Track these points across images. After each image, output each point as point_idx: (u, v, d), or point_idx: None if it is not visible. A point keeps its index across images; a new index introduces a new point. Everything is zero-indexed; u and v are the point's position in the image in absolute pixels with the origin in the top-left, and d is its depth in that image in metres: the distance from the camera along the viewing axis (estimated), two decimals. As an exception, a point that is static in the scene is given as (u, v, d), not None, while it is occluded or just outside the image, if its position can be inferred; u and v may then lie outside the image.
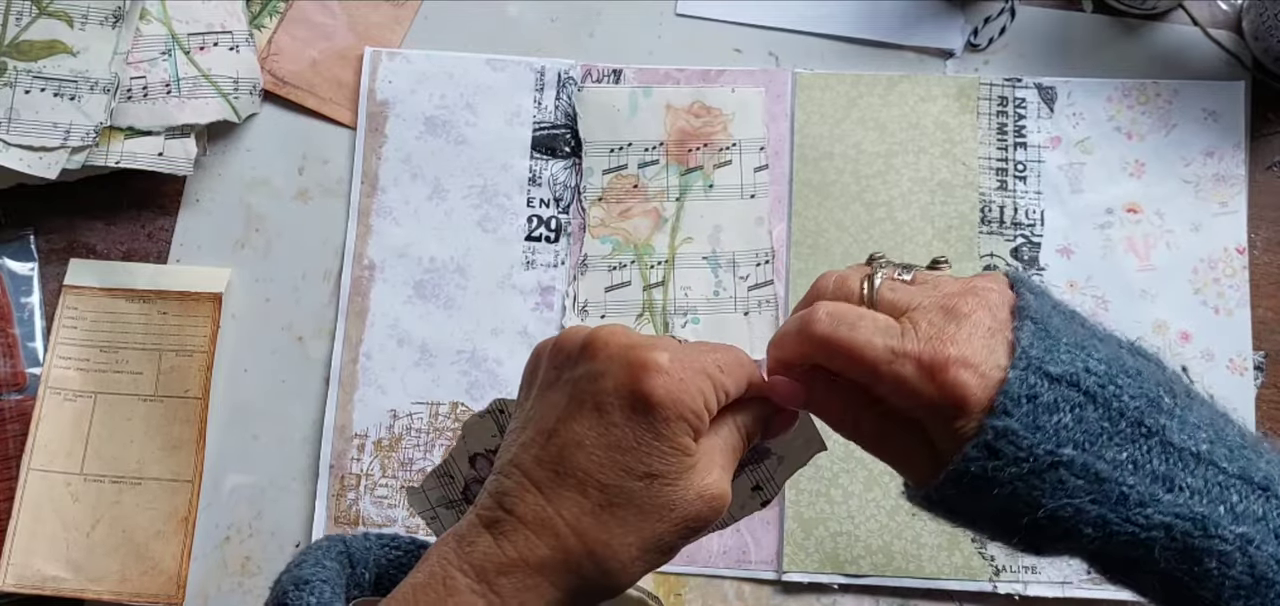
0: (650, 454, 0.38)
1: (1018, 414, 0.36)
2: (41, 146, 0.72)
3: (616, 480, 0.38)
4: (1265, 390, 0.71)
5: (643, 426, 0.38)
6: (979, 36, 0.76)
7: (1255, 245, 0.73)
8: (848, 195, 0.74)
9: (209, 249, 0.75)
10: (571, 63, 0.77)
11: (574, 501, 0.38)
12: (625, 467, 0.38)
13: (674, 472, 0.39)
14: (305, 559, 0.43)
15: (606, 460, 0.39)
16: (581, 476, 0.39)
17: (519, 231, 0.74)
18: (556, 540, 0.38)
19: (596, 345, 0.40)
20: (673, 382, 0.38)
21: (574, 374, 0.40)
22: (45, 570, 0.68)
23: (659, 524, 0.39)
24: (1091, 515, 0.37)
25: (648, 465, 0.38)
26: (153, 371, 0.72)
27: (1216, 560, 0.36)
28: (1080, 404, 0.37)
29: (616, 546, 0.38)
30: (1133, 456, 0.37)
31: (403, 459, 0.71)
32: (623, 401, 0.39)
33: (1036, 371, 0.37)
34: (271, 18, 0.79)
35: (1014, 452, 0.36)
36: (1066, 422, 0.37)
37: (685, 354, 0.40)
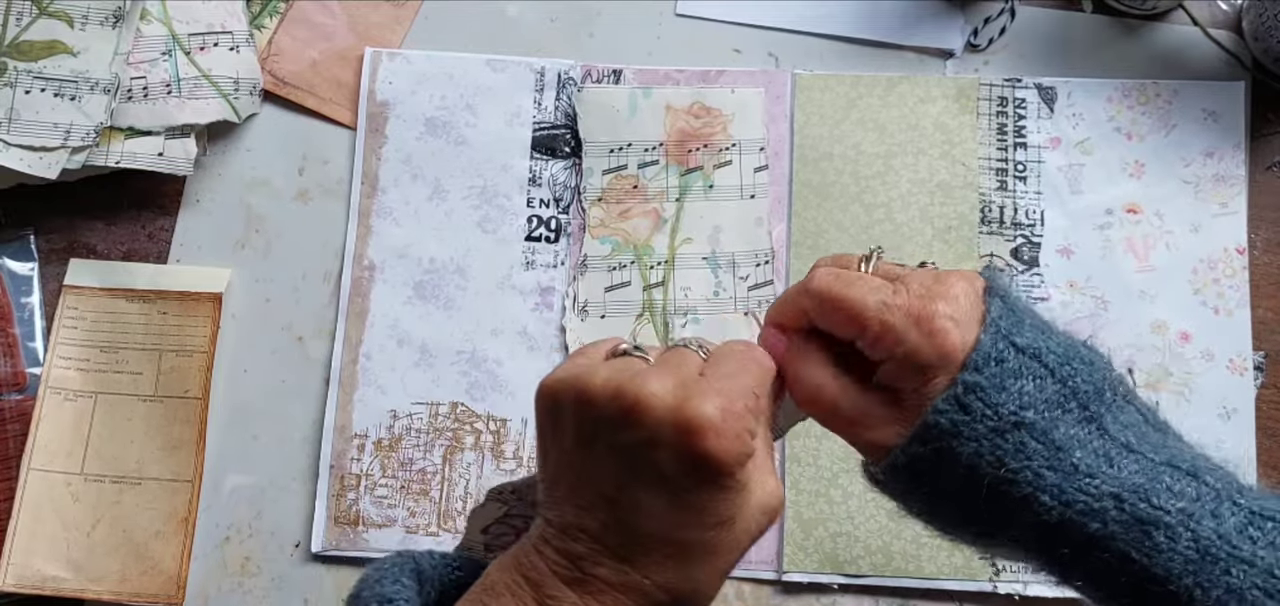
0: (719, 506, 0.39)
1: (986, 373, 0.39)
2: (42, 146, 0.72)
3: (695, 536, 0.39)
4: (1265, 390, 0.71)
5: (709, 486, 0.38)
6: (979, 37, 0.76)
7: (1255, 245, 0.73)
8: (847, 196, 0.74)
9: (209, 249, 0.75)
10: (571, 63, 0.77)
11: (655, 565, 0.39)
12: (700, 524, 0.39)
13: (740, 509, 0.39)
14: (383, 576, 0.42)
15: (680, 521, 0.39)
16: (659, 540, 0.39)
17: (519, 232, 0.74)
18: (644, 597, 0.39)
19: (634, 406, 0.38)
20: (728, 439, 0.38)
21: (619, 441, 0.39)
22: (45, 570, 0.68)
23: (734, 553, 0.40)
24: (1048, 481, 0.38)
25: (718, 515, 0.39)
26: (153, 371, 0.72)
27: (1164, 532, 0.37)
28: (1041, 375, 0.39)
29: (702, 586, 0.39)
30: (1078, 434, 0.39)
31: (403, 459, 0.71)
32: (684, 470, 0.38)
33: (1005, 339, 0.39)
34: (272, 18, 0.79)
35: (981, 409, 0.38)
36: (1029, 389, 0.39)
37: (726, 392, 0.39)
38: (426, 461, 0.71)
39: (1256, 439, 0.70)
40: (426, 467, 0.71)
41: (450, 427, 0.71)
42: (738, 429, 0.38)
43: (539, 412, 0.42)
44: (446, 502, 0.70)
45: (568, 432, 0.41)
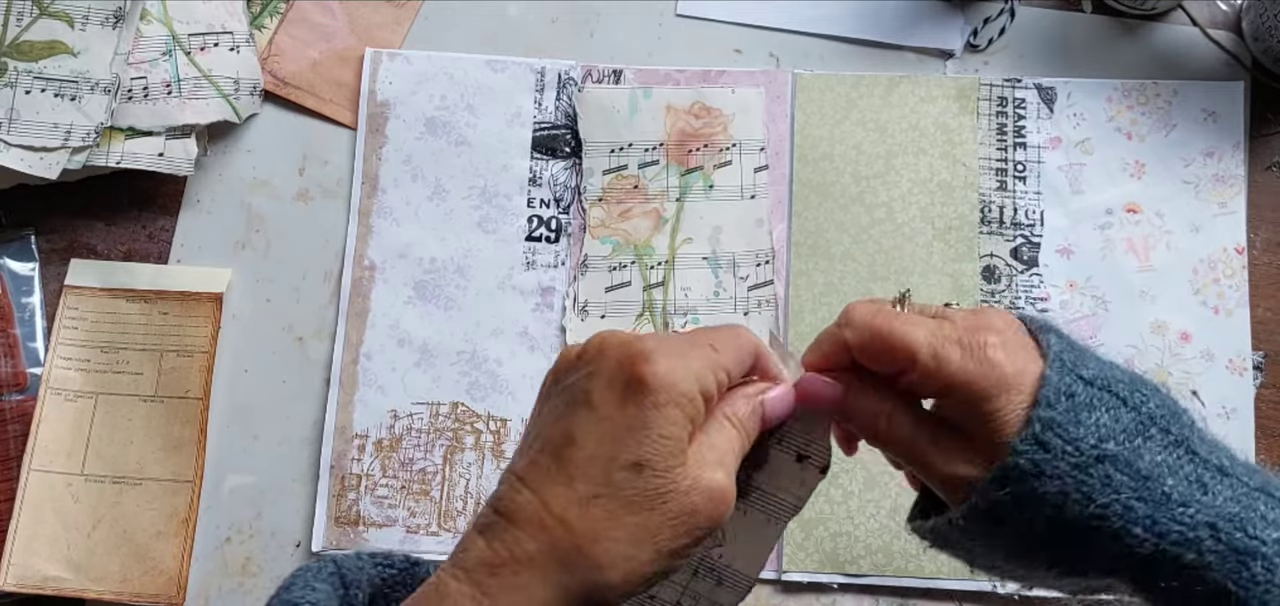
0: (639, 440, 0.37)
1: (1060, 408, 0.37)
2: (42, 147, 0.72)
3: (603, 471, 0.37)
4: (1264, 390, 0.71)
5: (632, 413, 0.37)
6: (979, 37, 0.76)
7: (1255, 245, 0.73)
8: (848, 196, 0.74)
9: (209, 249, 0.75)
10: (572, 63, 0.77)
11: (561, 494, 0.37)
12: (612, 457, 0.37)
13: (664, 462, 0.37)
14: (294, 582, 0.42)
15: (596, 452, 0.37)
16: (571, 470, 0.37)
17: (519, 232, 0.74)
18: (545, 533, 0.37)
19: (592, 347, 0.39)
20: (663, 366, 0.37)
21: (571, 379, 0.39)
22: (46, 570, 0.69)
23: (650, 515, 0.37)
24: (1139, 513, 0.37)
25: (635, 453, 0.37)
26: (153, 372, 0.72)
27: (1261, 563, 0.36)
28: (1114, 406, 0.38)
29: (604, 539, 0.36)
30: (1166, 460, 0.38)
31: (403, 459, 0.71)
32: (614, 392, 0.38)
33: (1071, 372, 0.38)
34: (272, 18, 0.79)
35: (1060, 445, 0.37)
36: (1105, 420, 0.38)
37: (679, 339, 0.39)
38: (427, 461, 0.71)
39: (1256, 439, 0.70)
40: (427, 467, 0.71)
41: (451, 427, 0.71)
42: (676, 362, 0.38)
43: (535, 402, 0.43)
44: (447, 502, 0.70)
45: (544, 390, 0.41)
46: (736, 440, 0.40)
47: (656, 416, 0.37)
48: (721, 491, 0.38)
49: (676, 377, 0.37)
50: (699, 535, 0.38)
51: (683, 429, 0.38)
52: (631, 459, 0.37)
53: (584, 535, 0.37)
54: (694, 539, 0.38)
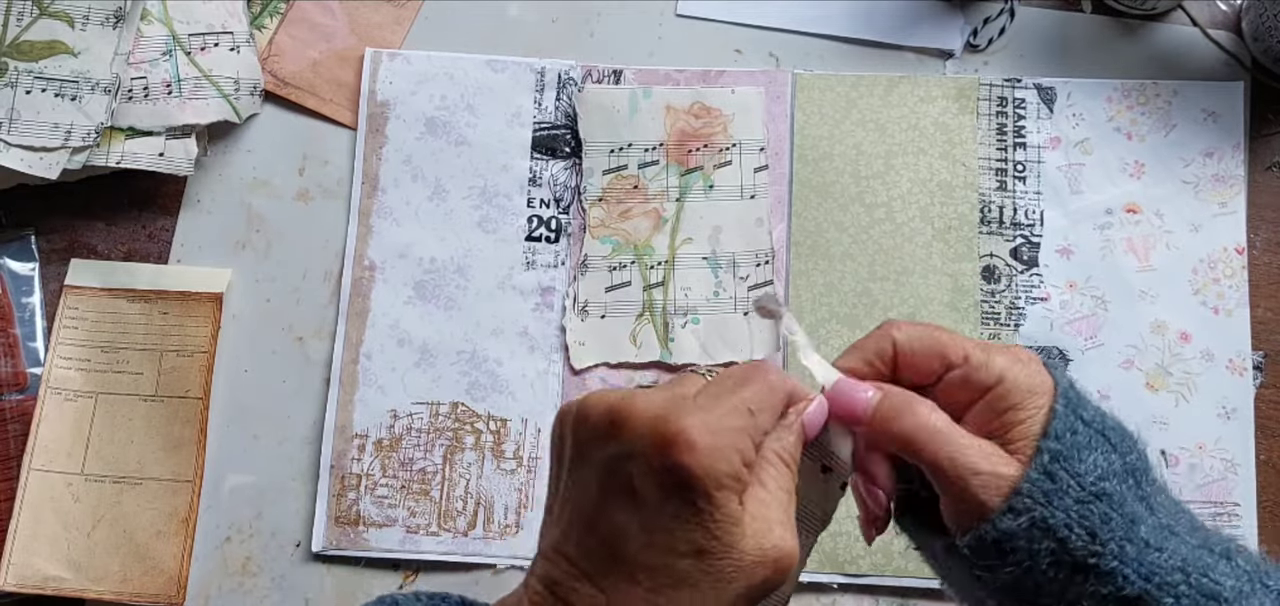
0: (693, 531, 0.36)
1: (1066, 442, 0.39)
2: (42, 147, 0.72)
3: (665, 562, 0.36)
4: (1264, 390, 0.71)
5: (680, 505, 0.36)
6: (978, 37, 0.76)
7: (1255, 245, 0.73)
8: (848, 196, 0.74)
9: (210, 249, 0.75)
10: (572, 63, 0.77)
11: (627, 591, 0.36)
12: (670, 548, 0.36)
13: (723, 543, 0.36)
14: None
15: (650, 543, 0.36)
16: (630, 565, 0.36)
17: (519, 232, 0.74)
18: None
19: (620, 419, 0.37)
20: (704, 454, 0.36)
21: (604, 454, 0.38)
22: (46, 570, 0.69)
23: (720, 597, 0.36)
24: (1129, 553, 0.38)
25: (693, 542, 0.36)
26: (153, 371, 0.72)
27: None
28: (1107, 450, 0.40)
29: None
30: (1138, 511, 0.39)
31: (403, 459, 0.71)
32: (656, 482, 0.36)
33: (1073, 412, 0.40)
34: (272, 18, 0.79)
35: (1067, 479, 0.39)
36: (1100, 462, 0.39)
37: (714, 409, 0.38)
38: (427, 461, 0.71)
39: (1256, 439, 0.70)
40: (427, 467, 0.71)
41: (451, 427, 0.71)
42: (719, 444, 0.36)
43: (551, 439, 0.42)
44: (447, 502, 0.70)
45: (566, 453, 0.40)
46: (786, 477, 0.40)
47: (706, 504, 0.36)
48: (787, 553, 0.38)
49: (718, 461, 0.36)
50: (767, 593, 0.38)
51: (735, 502, 0.37)
52: (690, 547, 0.36)
53: None
54: (762, 594, 0.38)
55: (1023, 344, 0.71)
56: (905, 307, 0.72)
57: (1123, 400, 0.70)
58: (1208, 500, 0.69)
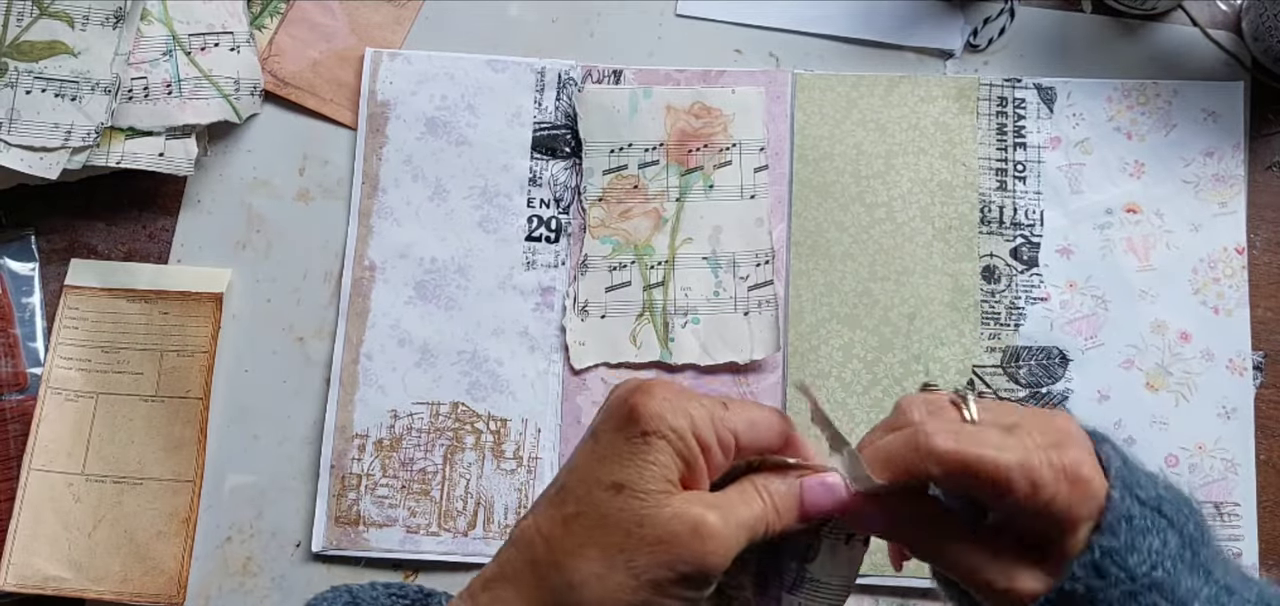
0: (624, 464, 0.38)
1: (1122, 535, 0.37)
2: (42, 147, 0.72)
3: (587, 490, 0.38)
4: (1264, 390, 0.71)
5: (621, 441, 0.38)
6: (978, 37, 0.77)
7: (1255, 245, 0.73)
8: (848, 195, 0.74)
9: (210, 249, 0.75)
10: (572, 63, 0.77)
11: (548, 513, 0.39)
12: (596, 479, 0.38)
13: (643, 486, 0.37)
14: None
15: (583, 476, 0.39)
16: (563, 494, 0.39)
17: (519, 232, 0.74)
18: (530, 550, 0.38)
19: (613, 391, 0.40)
20: (656, 400, 0.38)
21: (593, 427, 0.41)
22: (46, 570, 0.69)
23: (625, 537, 0.37)
24: None
25: (616, 474, 0.38)
26: (154, 371, 0.72)
27: None
28: (1165, 530, 0.38)
29: (577, 555, 0.37)
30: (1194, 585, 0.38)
31: (403, 459, 0.71)
32: (612, 424, 0.39)
33: (1130, 494, 0.38)
34: (272, 18, 0.79)
35: (1116, 573, 0.37)
36: (1156, 546, 0.38)
37: (689, 389, 0.40)
38: (427, 461, 0.71)
39: (1256, 439, 0.70)
40: (427, 467, 0.71)
41: (451, 427, 0.71)
42: (672, 400, 0.38)
43: None
44: (447, 502, 0.70)
45: None
46: (759, 510, 0.39)
47: (642, 444, 0.38)
48: (707, 527, 0.37)
49: (667, 411, 0.38)
50: (681, 570, 0.37)
51: (669, 459, 0.38)
52: (612, 479, 0.38)
53: (559, 549, 0.38)
54: (676, 574, 0.37)
55: (1023, 344, 0.71)
56: (905, 307, 0.72)
57: (1123, 400, 0.70)
58: (1208, 500, 0.69)
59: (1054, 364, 0.71)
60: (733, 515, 0.38)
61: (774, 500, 0.40)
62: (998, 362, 0.71)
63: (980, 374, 0.71)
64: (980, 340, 0.72)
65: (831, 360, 0.72)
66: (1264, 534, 0.69)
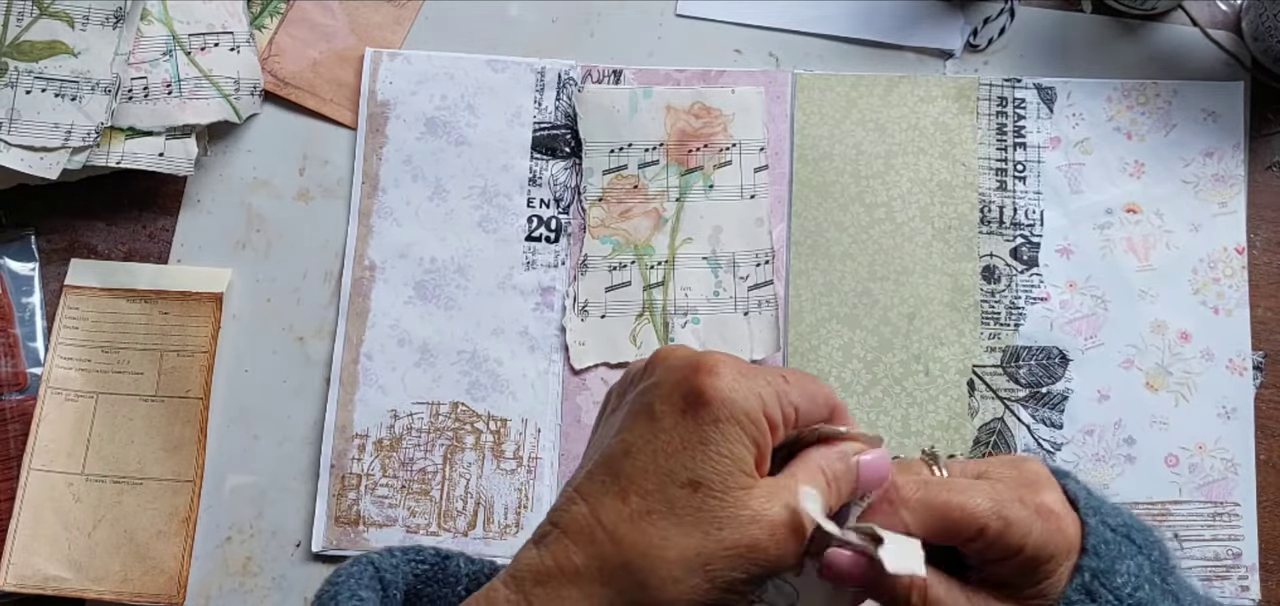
0: (696, 457, 0.36)
1: (1104, 557, 0.38)
2: (42, 147, 0.72)
3: (659, 485, 0.36)
4: (1264, 390, 0.71)
5: (691, 427, 0.36)
6: (978, 37, 0.77)
7: (1255, 245, 0.73)
8: (848, 195, 0.74)
9: (210, 249, 0.75)
10: (572, 63, 0.77)
11: (614, 507, 0.36)
12: (669, 472, 0.36)
13: (722, 483, 0.35)
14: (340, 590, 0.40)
15: (651, 465, 0.36)
16: (625, 483, 0.36)
17: (519, 232, 0.74)
18: (593, 547, 0.35)
19: (658, 359, 0.38)
20: (726, 382, 0.36)
21: (636, 390, 0.38)
22: (46, 570, 0.69)
23: (703, 540, 0.35)
24: None
25: (692, 470, 0.35)
26: (154, 371, 0.72)
27: None
28: (1135, 555, 0.39)
29: (653, 556, 0.35)
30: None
31: (403, 458, 0.71)
32: (674, 404, 0.36)
33: (1102, 522, 0.39)
34: (272, 18, 0.79)
35: (1105, 595, 0.38)
36: (1132, 568, 0.39)
37: (747, 364, 0.38)
38: (427, 461, 0.71)
39: (1256, 439, 0.70)
40: (427, 467, 0.71)
41: (451, 427, 0.71)
42: (740, 380, 0.36)
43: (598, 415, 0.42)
44: (447, 502, 0.70)
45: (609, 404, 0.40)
46: (824, 491, 0.38)
47: (716, 433, 0.36)
48: (787, 528, 0.36)
49: (739, 395, 0.36)
50: (756, 571, 0.36)
51: (745, 449, 0.36)
52: (689, 476, 0.36)
53: (633, 551, 0.35)
54: (749, 575, 0.36)
55: (1023, 343, 0.71)
56: (905, 307, 0.72)
57: (1123, 400, 0.70)
58: (1208, 500, 0.69)
59: (1054, 364, 0.71)
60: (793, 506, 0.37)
61: (835, 480, 0.39)
62: (997, 362, 0.71)
63: (980, 374, 0.71)
64: (980, 340, 0.72)
65: (831, 360, 0.72)
66: (1264, 534, 0.69)
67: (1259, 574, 0.68)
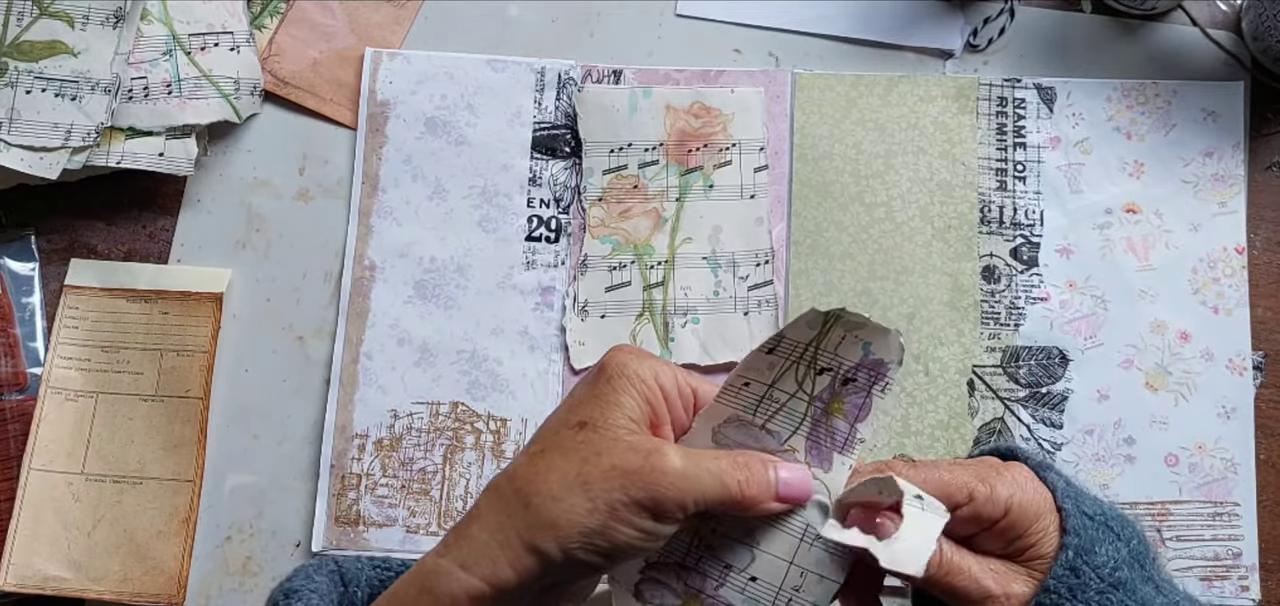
0: (587, 406, 0.41)
1: (1084, 536, 0.41)
2: (42, 146, 0.72)
3: (554, 431, 0.41)
4: (1264, 390, 0.71)
5: (589, 388, 0.42)
6: (978, 37, 0.77)
7: (1254, 245, 0.73)
8: (847, 195, 0.74)
9: (210, 249, 0.75)
10: (571, 63, 0.77)
11: (518, 459, 0.42)
12: (563, 421, 0.41)
13: (605, 421, 0.41)
14: (296, 574, 0.46)
15: (554, 421, 0.42)
16: (533, 441, 0.42)
17: (519, 231, 0.74)
18: (495, 492, 0.41)
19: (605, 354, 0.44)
20: (624, 354, 0.42)
21: None
22: (46, 570, 0.69)
23: (583, 466, 0.39)
24: None
25: (581, 414, 0.41)
26: (154, 371, 0.72)
27: None
28: (1113, 540, 0.42)
29: (537, 482, 0.40)
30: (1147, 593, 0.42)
31: (403, 458, 0.71)
32: (586, 380, 0.43)
33: (1078, 509, 0.42)
34: (272, 18, 0.79)
35: (1088, 572, 0.41)
36: (1111, 552, 0.42)
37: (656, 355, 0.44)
38: (427, 461, 0.71)
39: (1256, 438, 0.70)
40: (427, 467, 0.71)
41: (451, 427, 0.71)
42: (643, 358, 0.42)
43: None
44: (447, 502, 0.70)
45: None
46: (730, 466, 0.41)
47: (607, 388, 0.41)
48: (661, 458, 0.40)
49: (633, 362, 0.42)
50: (634, 495, 0.39)
51: (631, 401, 0.41)
52: (577, 419, 0.41)
53: (522, 481, 0.40)
54: (629, 498, 0.39)
55: (1023, 343, 0.71)
56: (905, 307, 0.72)
57: (1122, 400, 0.70)
58: (1208, 500, 0.69)
59: (1054, 364, 0.71)
60: (700, 460, 0.41)
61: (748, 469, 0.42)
62: (997, 362, 0.71)
63: (980, 374, 0.71)
64: (980, 340, 0.72)
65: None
66: (1264, 534, 0.69)
67: (1259, 574, 0.68)
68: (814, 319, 0.42)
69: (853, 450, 0.44)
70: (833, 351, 0.43)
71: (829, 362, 0.43)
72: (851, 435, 0.44)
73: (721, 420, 0.44)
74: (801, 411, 0.44)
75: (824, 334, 0.43)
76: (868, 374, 0.43)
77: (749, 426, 0.44)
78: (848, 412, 0.44)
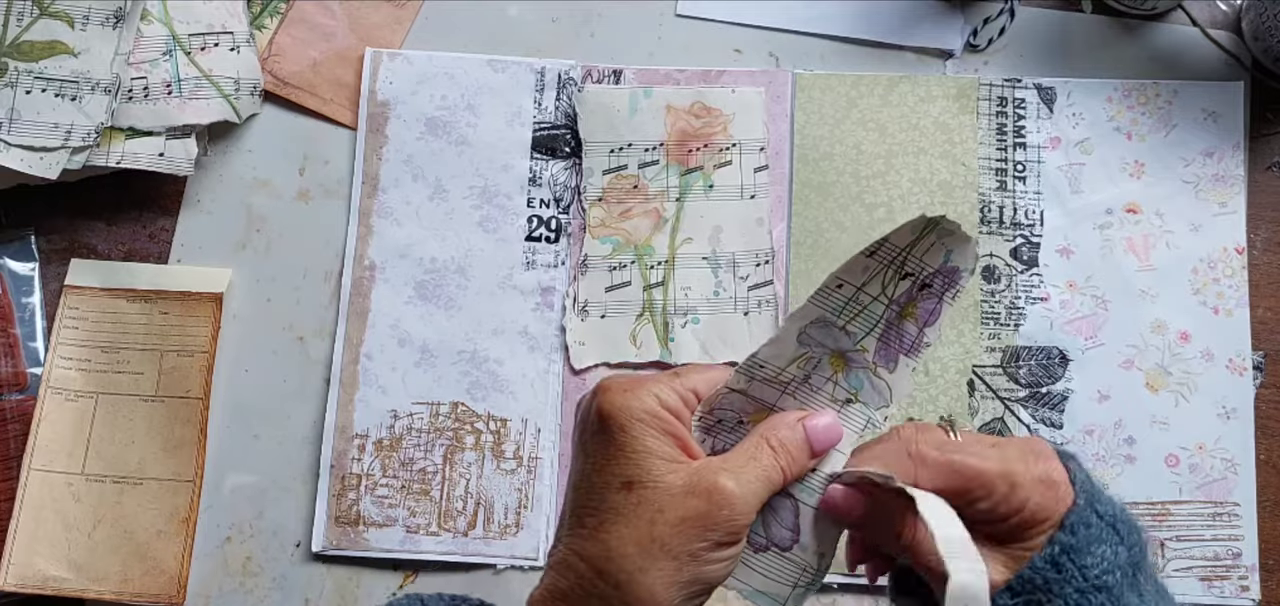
0: (619, 463, 0.41)
1: (1079, 535, 0.41)
2: (42, 147, 0.72)
3: (601, 500, 0.41)
4: (1264, 390, 0.71)
5: (604, 442, 0.41)
6: (978, 37, 0.77)
7: (1254, 245, 0.73)
8: (848, 195, 0.74)
9: (210, 249, 0.75)
10: (572, 63, 0.77)
11: (576, 535, 0.41)
12: (605, 485, 0.41)
13: (649, 475, 0.40)
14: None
15: (591, 488, 0.41)
16: (580, 513, 0.42)
17: (519, 232, 0.74)
18: (573, 572, 0.41)
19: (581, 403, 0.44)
20: (616, 396, 0.42)
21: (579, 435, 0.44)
22: (46, 570, 0.69)
23: (650, 526, 0.40)
24: None
25: (621, 474, 0.41)
26: (154, 371, 0.72)
27: None
28: (1116, 543, 0.42)
29: (616, 558, 0.40)
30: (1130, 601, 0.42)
31: (403, 458, 0.71)
32: (590, 431, 0.42)
33: (1091, 506, 0.42)
34: (272, 18, 0.79)
35: (1072, 569, 0.41)
36: (1108, 554, 0.42)
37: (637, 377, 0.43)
38: (427, 461, 0.71)
39: (1256, 439, 0.70)
40: (427, 467, 0.71)
41: (451, 427, 0.71)
42: (629, 388, 0.42)
43: None
44: (447, 502, 0.70)
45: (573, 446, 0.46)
46: (770, 459, 0.43)
47: (625, 437, 0.41)
48: (723, 494, 0.40)
49: (632, 400, 0.41)
50: (713, 538, 0.40)
51: (658, 440, 0.41)
52: (620, 481, 0.41)
53: (601, 560, 0.40)
54: (710, 542, 0.40)
55: (1023, 343, 0.71)
56: (905, 307, 0.72)
57: (1123, 400, 0.70)
58: (1208, 500, 0.69)
59: (1054, 364, 0.71)
60: (745, 472, 0.41)
61: (785, 446, 0.43)
62: (998, 362, 0.71)
63: (980, 374, 0.71)
64: (980, 340, 0.72)
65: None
66: (1264, 534, 0.69)
67: (1259, 574, 0.68)
68: (918, 223, 0.43)
69: (919, 353, 0.46)
70: (920, 257, 0.44)
71: (914, 268, 0.44)
72: (919, 338, 0.46)
73: (809, 321, 0.45)
74: (879, 314, 0.45)
75: (919, 238, 0.44)
76: (943, 280, 0.45)
77: (831, 327, 0.45)
78: (919, 316, 0.45)
